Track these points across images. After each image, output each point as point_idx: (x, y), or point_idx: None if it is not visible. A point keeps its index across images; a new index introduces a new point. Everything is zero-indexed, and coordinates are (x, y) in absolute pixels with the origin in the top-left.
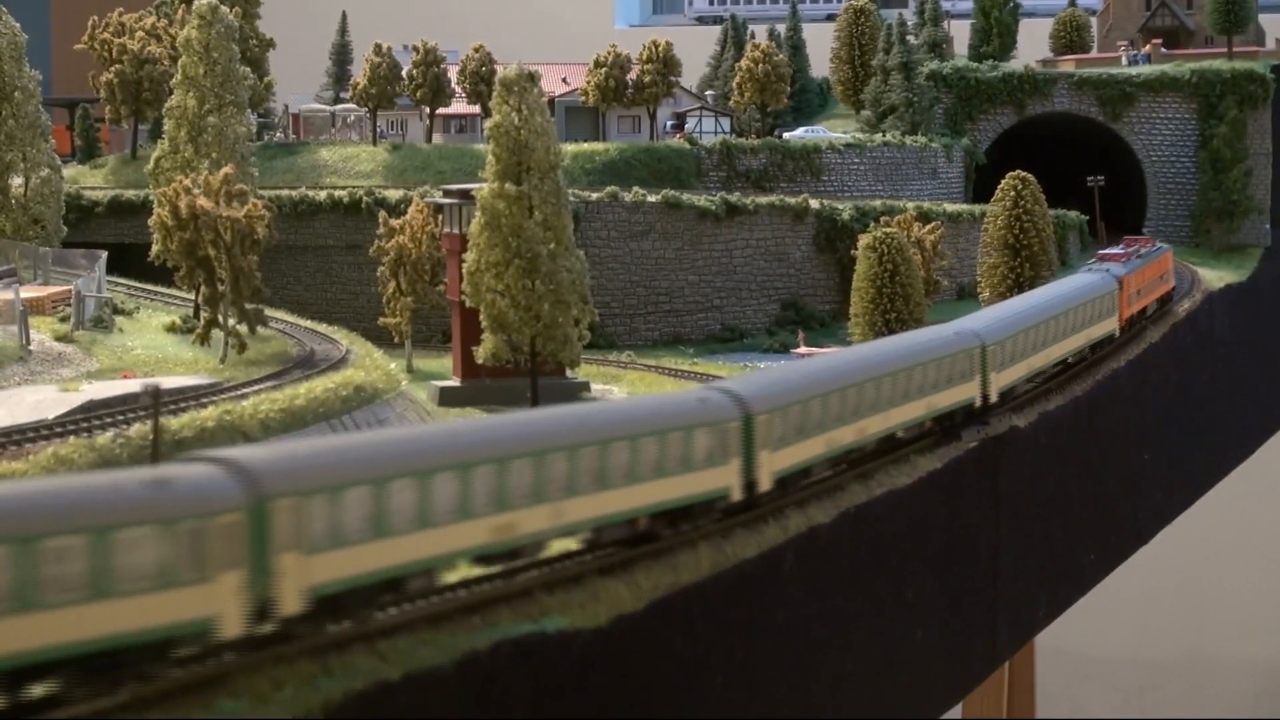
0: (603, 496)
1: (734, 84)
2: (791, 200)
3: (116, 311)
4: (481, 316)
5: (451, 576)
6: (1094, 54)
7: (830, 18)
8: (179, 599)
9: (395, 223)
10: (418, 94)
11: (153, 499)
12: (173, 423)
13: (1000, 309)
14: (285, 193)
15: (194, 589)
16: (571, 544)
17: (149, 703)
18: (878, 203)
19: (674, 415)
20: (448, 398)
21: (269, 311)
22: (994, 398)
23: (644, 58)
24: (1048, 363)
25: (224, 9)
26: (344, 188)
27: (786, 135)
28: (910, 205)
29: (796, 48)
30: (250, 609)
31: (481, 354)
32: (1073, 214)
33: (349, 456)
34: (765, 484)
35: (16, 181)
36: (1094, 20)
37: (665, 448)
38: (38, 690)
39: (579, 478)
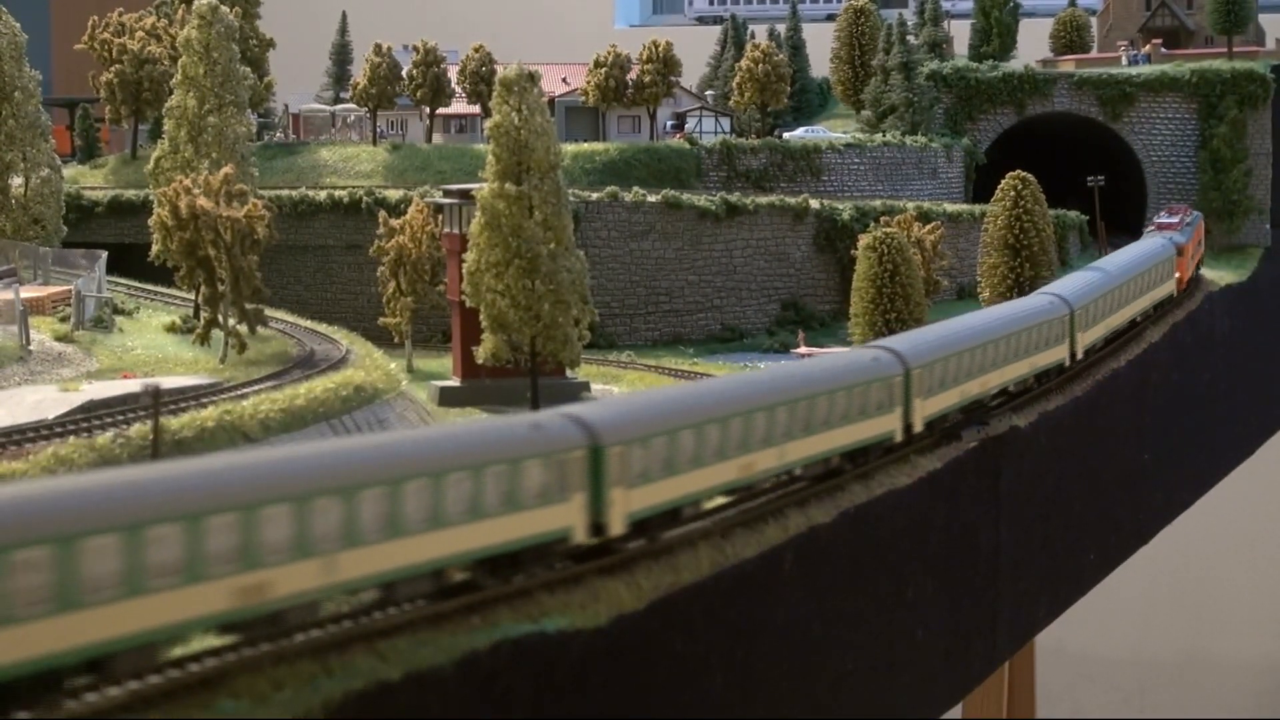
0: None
1: (734, 84)
2: (791, 200)
3: (116, 311)
4: (481, 316)
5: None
6: (1094, 54)
7: (830, 18)
8: (551, 513)
9: (395, 223)
10: (418, 94)
11: (535, 439)
12: (173, 423)
13: (1083, 274)
14: (285, 193)
15: (558, 506)
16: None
17: (149, 702)
18: (878, 203)
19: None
20: (448, 398)
21: (269, 311)
22: (1080, 356)
23: (644, 58)
24: (1122, 322)
25: (224, 9)
26: (344, 188)
27: (786, 135)
28: (910, 205)
29: (796, 48)
30: (589, 525)
31: (481, 354)
32: (1073, 214)
33: (657, 413)
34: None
35: (16, 181)
36: (1094, 20)
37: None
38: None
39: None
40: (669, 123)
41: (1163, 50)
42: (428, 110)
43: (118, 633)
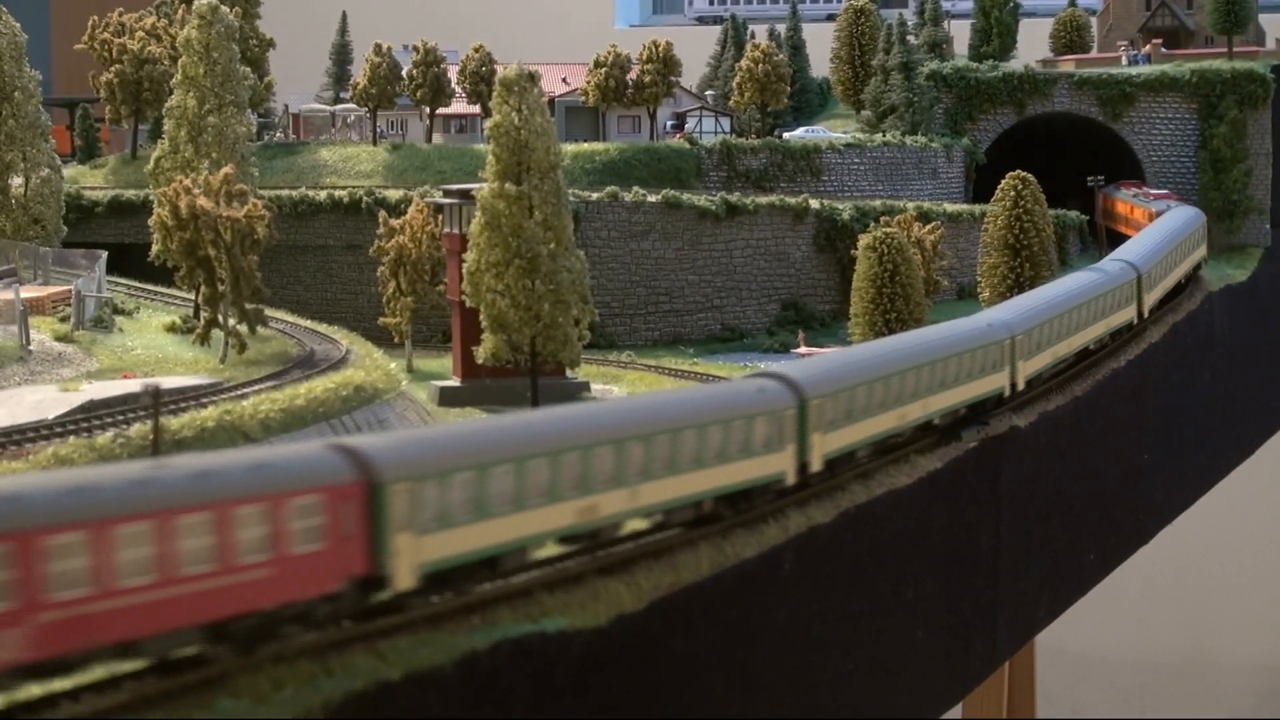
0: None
1: (734, 84)
2: (791, 200)
3: (116, 311)
4: (481, 316)
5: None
6: (1094, 54)
7: (830, 18)
8: (771, 459)
9: (395, 223)
10: (418, 94)
11: (761, 399)
12: (173, 423)
13: (1145, 243)
14: (285, 193)
15: (776, 454)
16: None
17: (149, 702)
18: (878, 203)
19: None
20: (448, 398)
21: (269, 311)
22: (1147, 314)
23: (644, 58)
24: (1173, 283)
25: (224, 9)
26: (344, 188)
27: (786, 135)
28: (910, 205)
29: (796, 48)
30: (797, 468)
31: (481, 354)
32: (1073, 214)
33: (845, 372)
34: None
35: (16, 181)
36: (1094, 20)
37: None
38: None
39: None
40: (669, 123)
41: (1163, 50)
42: (428, 110)
43: (508, 538)
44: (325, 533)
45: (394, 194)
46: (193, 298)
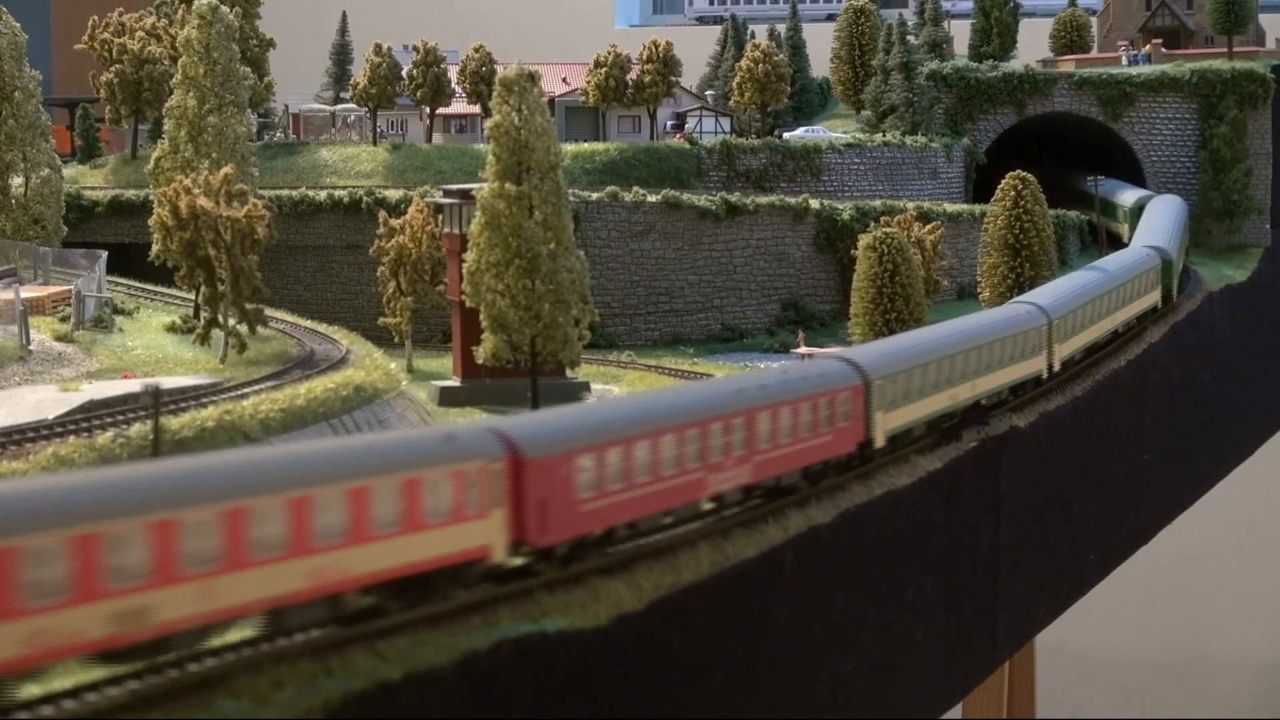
0: None
1: (734, 84)
2: (791, 200)
3: (116, 311)
4: (481, 316)
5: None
6: (1094, 54)
7: (830, 18)
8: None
9: (395, 223)
10: (418, 94)
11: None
12: (173, 423)
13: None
14: (285, 193)
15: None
16: None
17: (149, 703)
18: (878, 203)
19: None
20: (448, 398)
21: (269, 311)
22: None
23: (644, 58)
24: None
25: (224, 9)
26: (344, 188)
27: (786, 135)
28: (910, 205)
29: (796, 48)
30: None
31: (481, 354)
32: (1073, 214)
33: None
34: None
35: (16, 181)
36: (1094, 20)
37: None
38: None
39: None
40: (669, 123)
41: (1163, 50)
42: (428, 110)
43: (929, 413)
44: (850, 414)
45: (394, 194)
46: (193, 298)
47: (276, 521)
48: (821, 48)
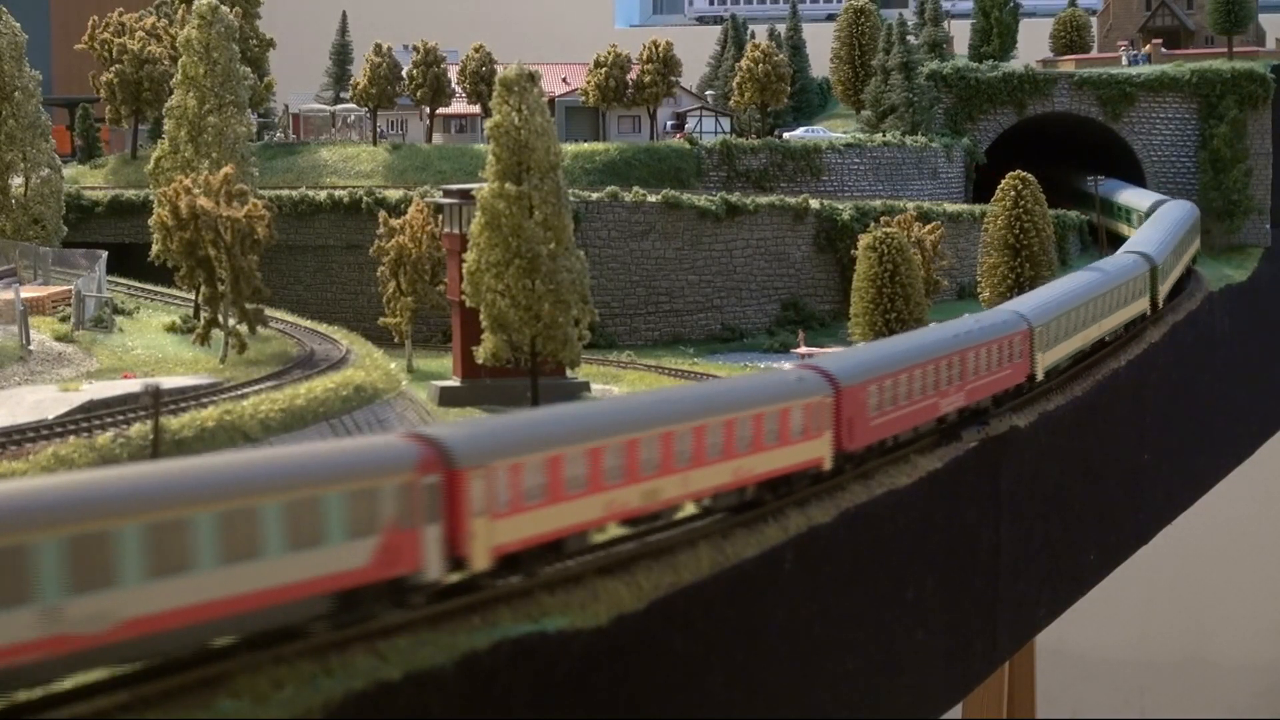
0: None
1: (734, 84)
2: (791, 200)
3: (116, 311)
4: (481, 316)
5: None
6: (1094, 54)
7: (830, 18)
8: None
9: (395, 223)
10: (418, 94)
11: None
12: (173, 423)
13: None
14: (285, 193)
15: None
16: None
17: (149, 703)
18: (878, 203)
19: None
20: (448, 398)
21: (269, 311)
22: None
23: (644, 58)
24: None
25: (224, 9)
26: (344, 188)
27: (786, 135)
28: (910, 205)
29: (796, 48)
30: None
31: (481, 354)
32: (1073, 214)
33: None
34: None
35: (16, 181)
36: (1094, 20)
37: None
38: None
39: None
40: (669, 123)
41: (1163, 50)
42: (428, 110)
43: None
44: (1021, 353)
45: (394, 194)
46: (193, 298)
47: (718, 435)
48: (821, 48)
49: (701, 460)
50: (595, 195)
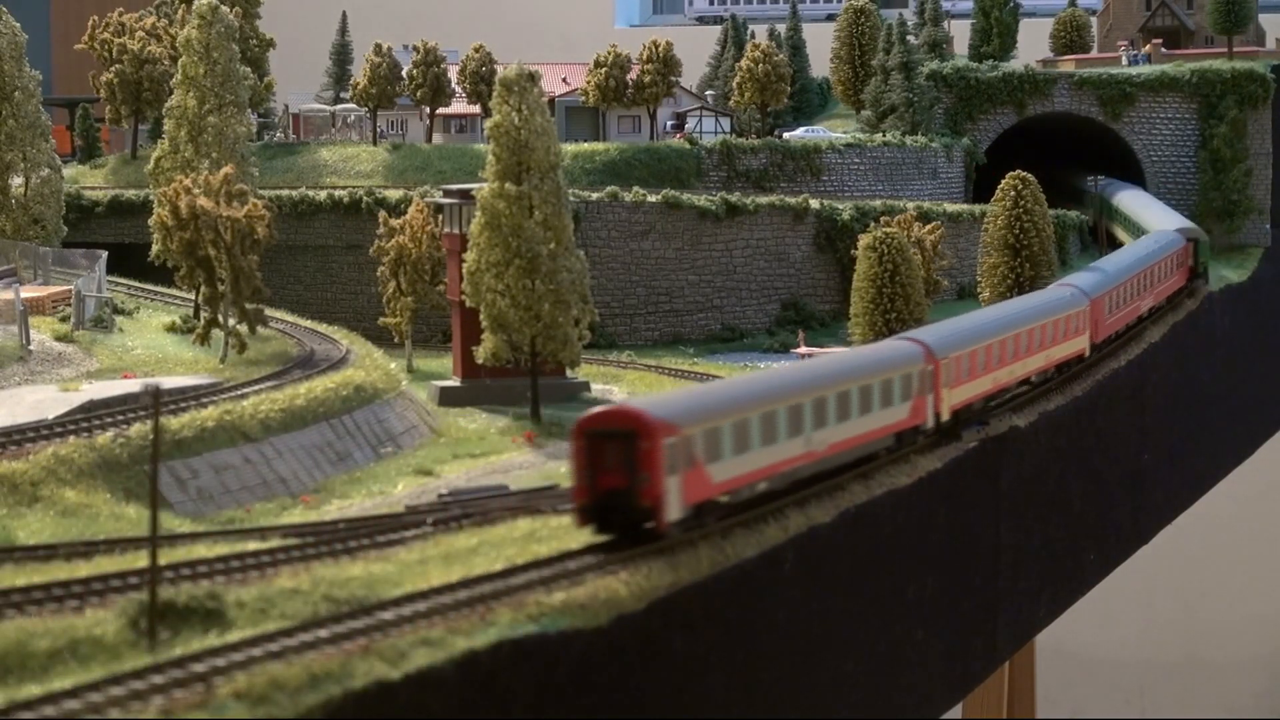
0: None
1: (734, 84)
2: (791, 200)
3: (116, 311)
4: (481, 316)
5: None
6: (1094, 54)
7: (830, 18)
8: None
9: (395, 223)
10: (418, 94)
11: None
12: (173, 423)
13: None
14: (285, 193)
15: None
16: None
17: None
18: (878, 203)
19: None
20: (448, 397)
21: (269, 311)
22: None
23: (644, 58)
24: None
25: (224, 9)
26: (344, 188)
27: (786, 135)
28: (910, 205)
29: (796, 48)
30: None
31: (481, 354)
32: (1073, 214)
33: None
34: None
35: (16, 181)
36: (1094, 20)
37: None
38: None
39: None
40: (669, 123)
41: (1163, 50)
42: (428, 110)
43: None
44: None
45: (394, 194)
46: (193, 298)
47: (1038, 339)
48: (821, 48)
49: (1026, 354)
50: (595, 195)
